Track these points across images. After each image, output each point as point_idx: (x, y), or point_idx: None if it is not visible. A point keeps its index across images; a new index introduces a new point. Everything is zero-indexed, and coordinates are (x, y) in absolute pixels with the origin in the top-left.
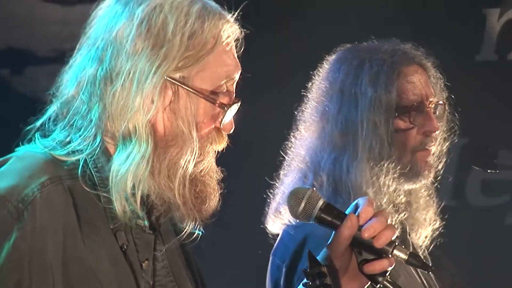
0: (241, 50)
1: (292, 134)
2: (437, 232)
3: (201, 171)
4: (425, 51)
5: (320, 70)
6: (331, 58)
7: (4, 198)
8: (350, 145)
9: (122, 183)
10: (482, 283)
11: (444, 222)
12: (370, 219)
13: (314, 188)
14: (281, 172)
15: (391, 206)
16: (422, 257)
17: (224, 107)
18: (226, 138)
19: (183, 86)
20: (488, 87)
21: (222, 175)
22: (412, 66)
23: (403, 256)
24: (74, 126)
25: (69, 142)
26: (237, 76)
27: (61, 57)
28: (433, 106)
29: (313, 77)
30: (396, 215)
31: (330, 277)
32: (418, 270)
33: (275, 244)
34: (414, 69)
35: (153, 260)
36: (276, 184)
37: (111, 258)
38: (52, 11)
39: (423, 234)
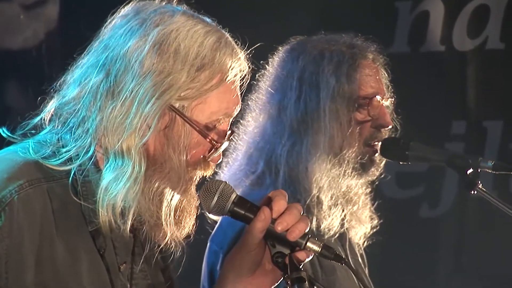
0: (246, 84)
1: (240, 122)
2: (374, 230)
3: (183, 197)
4: (377, 48)
5: (274, 60)
6: (286, 48)
7: None
8: (309, 132)
9: (111, 202)
10: (399, 275)
11: (381, 220)
12: (284, 212)
13: (227, 182)
14: (225, 160)
15: (344, 198)
16: (335, 249)
17: (215, 142)
18: (213, 167)
19: (181, 116)
20: (400, 79)
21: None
22: (368, 60)
23: (316, 248)
24: (67, 127)
25: (62, 146)
26: (235, 113)
27: None
28: (386, 102)
29: (265, 66)
30: (349, 207)
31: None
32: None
33: (214, 230)
34: (370, 63)
35: (132, 263)
36: (217, 170)
37: (88, 259)
38: None
39: (361, 232)
